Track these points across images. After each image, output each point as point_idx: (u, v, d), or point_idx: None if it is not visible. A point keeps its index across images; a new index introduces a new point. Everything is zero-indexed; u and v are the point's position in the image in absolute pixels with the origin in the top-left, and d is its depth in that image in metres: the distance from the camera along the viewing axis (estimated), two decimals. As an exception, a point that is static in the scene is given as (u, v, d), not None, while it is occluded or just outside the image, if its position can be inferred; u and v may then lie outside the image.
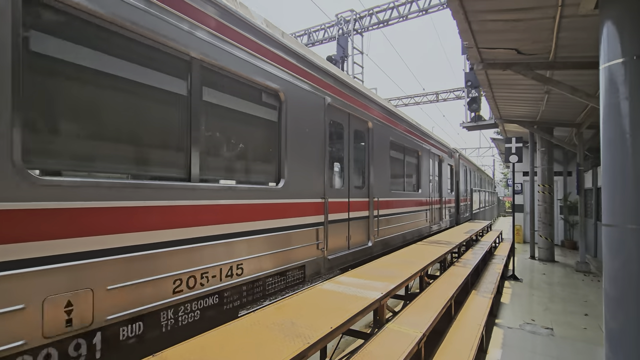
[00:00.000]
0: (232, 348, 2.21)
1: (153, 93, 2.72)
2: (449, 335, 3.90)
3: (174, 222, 2.69)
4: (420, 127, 9.01)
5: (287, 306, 3.09)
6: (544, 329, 4.94)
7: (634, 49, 3.15)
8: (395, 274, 4.30)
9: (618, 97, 3.20)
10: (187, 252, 2.78)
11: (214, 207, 3.07)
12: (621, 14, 3.29)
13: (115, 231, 2.30)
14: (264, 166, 3.88)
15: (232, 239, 3.22)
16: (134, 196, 2.42)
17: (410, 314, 3.69)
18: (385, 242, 6.61)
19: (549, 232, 10.29)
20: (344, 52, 13.73)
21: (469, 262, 6.49)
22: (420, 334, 3.14)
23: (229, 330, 2.51)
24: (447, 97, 22.23)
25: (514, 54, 5.31)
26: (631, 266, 3.08)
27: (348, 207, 5.36)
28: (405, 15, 13.21)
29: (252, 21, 3.58)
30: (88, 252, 2.17)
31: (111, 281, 2.27)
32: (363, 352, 2.76)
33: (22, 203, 1.90)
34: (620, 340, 3.15)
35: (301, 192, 4.25)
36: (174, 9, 2.79)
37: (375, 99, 6.42)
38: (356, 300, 3.29)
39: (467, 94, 11.27)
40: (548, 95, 7.17)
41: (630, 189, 3.10)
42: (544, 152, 10.27)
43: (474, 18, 4.39)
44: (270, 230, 3.72)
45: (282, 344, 2.28)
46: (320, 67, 4.70)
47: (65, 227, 2.06)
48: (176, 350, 2.18)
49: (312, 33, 15.45)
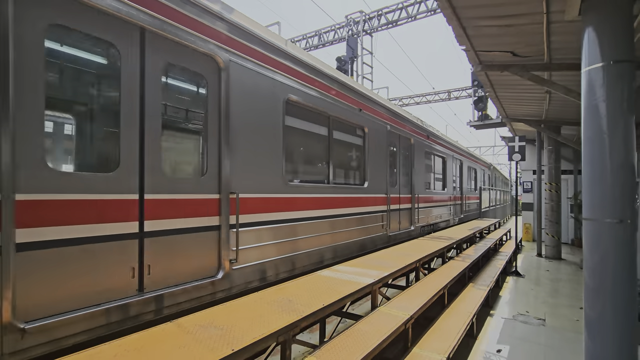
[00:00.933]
0: (237, 317, 2.60)
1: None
2: (440, 321, 4.20)
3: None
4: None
5: (287, 288, 3.46)
6: (536, 320, 5.16)
7: (611, 54, 3.39)
8: (390, 265, 4.62)
9: (596, 99, 3.44)
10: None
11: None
12: (601, 21, 3.52)
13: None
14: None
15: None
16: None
17: (402, 300, 4.01)
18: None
19: (556, 230, 10.34)
20: (354, 53, 14.00)
21: (469, 257, 6.73)
22: (408, 315, 3.46)
23: (235, 304, 2.90)
24: (459, 95, 22.20)
25: (510, 56, 5.52)
26: (608, 258, 3.31)
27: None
28: (413, 15, 13.38)
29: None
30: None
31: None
32: (353, 328, 3.10)
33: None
34: (597, 328, 3.38)
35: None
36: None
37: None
38: (350, 284, 3.64)
39: (474, 93, 11.39)
40: (550, 95, 7.30)
41: (607, 185, 3.33)
42: (551, 150, 10.33)
43: (468, 24, 4.64)
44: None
45: (279, 315, 2.66)
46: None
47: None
48: (189, 319, 2.58)
49: (323, 34, 15.77)
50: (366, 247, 6.07)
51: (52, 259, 2.18)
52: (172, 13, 2.98)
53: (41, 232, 2.14)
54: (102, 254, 2.43)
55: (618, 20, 3.42)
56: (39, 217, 2.14)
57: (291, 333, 2.54)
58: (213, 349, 2.09)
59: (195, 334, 2.31)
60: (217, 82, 3.37)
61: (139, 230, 2.65)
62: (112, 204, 2.50)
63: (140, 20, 2.70)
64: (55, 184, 2.23)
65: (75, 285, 2.29)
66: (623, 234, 3.23)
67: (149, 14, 2.78)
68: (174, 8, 2.99)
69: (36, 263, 2.12)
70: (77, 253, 2.30)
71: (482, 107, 11.25)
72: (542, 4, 3.87)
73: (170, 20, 2.95)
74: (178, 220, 2.94)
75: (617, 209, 3.24)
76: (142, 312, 2.63)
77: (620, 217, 3.25)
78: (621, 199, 3.23)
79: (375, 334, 2.97)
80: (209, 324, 2.48)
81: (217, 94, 3.37)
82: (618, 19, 3.42)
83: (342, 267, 4.49)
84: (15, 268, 2.02)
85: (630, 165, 3.27)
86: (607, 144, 3.34)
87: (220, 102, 3.38)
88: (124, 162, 2.59)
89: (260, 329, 2.41)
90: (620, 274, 3.21)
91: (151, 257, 2.71)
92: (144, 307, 2.63)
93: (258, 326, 2.45)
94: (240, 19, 3.68)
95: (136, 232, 2.63)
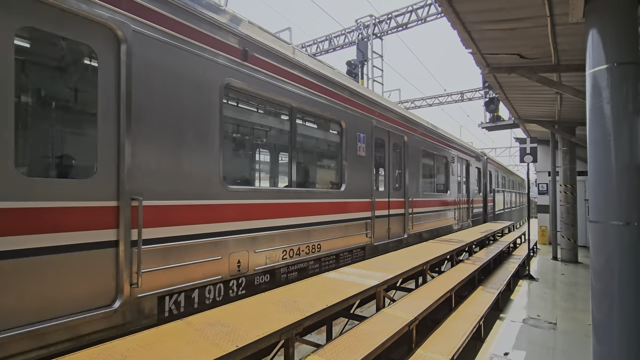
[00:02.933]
0: (243, 316, 2.72)
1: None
2: (446, 323, 4.23)
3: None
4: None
5: (292, 289, 3.57)
6: (546, 323, 5.10)
7: (615, 56, 3.38)
8: (396, 267, 4.67)
9: (601, 100, 3.44)
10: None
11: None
12: (605, 23, 3.52)
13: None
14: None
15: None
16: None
17: (408, 302, 4.06)
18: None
19: (572, 233, 10.12)
20: (364, 57, 14.10)
21: (479, 259, 6.69)
22: (412, 317, 3.52)
23: (241, 304, 3.02)
24: (472, 96, 21.96)
25: (517, 58, 5.51)
26: (614, 260, 3.30)
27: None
28: (423, 18, 13.39)
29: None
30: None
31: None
32: (357, 329, 3.19)
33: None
34: (605, 331, 3.37)
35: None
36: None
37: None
38: (355, 286, 3.72)
39: (485, 95, 11.30)
40: (561, 96, 7.21)
41: (613, 188, 3.32)
42: (565, 151, 10.14)
43: (472, 28, 4.68)
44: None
45: (284, 314, 2.77)
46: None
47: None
48: (198, 317, 2.72)
49: (333, 39, 15.93)
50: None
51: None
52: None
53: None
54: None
55: (621, 22, 3.42)
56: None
57: (294, 332, 2.64)
58: (218, 345, 2.21)
59: (203, 331, 2.45)
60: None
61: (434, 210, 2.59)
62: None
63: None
64: None
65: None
66: (629, 236, 3.21)
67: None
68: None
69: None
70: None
71: (493, 109, 11.15)
72: (544, 7, 3.88)
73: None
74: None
75: (624, 212, 3.23)
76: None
77: (627, 220, 3.23)
78: (627, 202, 3.22)
79: (378, 335, 3.05)
80: (216, 322, 2.61)
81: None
82: (621, 20, 3.42)
83: (349, 269, 4.57)
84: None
85: (636, 167, 3.25)
86: (613, 145, 3.34)
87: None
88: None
89: (264, 327, 2.52)
90: (626, 276, 3.19)
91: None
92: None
93: (263, 324, 2.57)
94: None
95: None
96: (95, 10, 2.50)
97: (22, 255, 2.15)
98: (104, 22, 2.56)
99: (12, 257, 2.11)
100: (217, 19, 3.40)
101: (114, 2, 2.63)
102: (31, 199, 2.19)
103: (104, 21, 2.56)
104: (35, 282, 2.19)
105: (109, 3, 2.59)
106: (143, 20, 2.81)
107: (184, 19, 3.12)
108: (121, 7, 2.67)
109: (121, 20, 2.65)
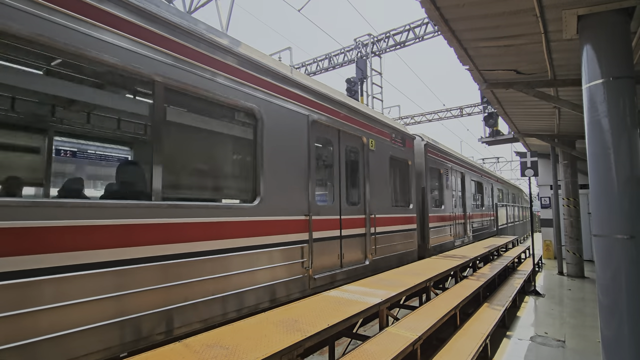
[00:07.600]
0: (242, 337, 2.67)
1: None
2: (452, 342, 4.12)
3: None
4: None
5: (293, 308, 3.51)
6: (555, 341, 4.97)
7: (610, 71, 3.42)
8: (399, 284, 4.60)
9: (599, 114, 3.46)
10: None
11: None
12: (598, 38, 3.58)
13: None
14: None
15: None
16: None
17: (411, 320, 3.98)
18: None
19: (577, 247, 9.99)
20: (363, 74, 14.32)
21: (483, 275, 6.59)
22: (416, 336, 3.43)
23: (241, 325, 2.96)
24: (471, 111, 22.17)
25: (514, 74, 5.58)
26: (621, 274, 3.24)
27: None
28: (421, 36, 13.67)
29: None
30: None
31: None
32: (359, 349, 3.11)
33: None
34: (615, 349, 3.28)
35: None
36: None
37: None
38: (357, 305, 3.65)
39: (484, 110, 11.40)
40: (559, 110, 7.27)
41: (615, 201, 3.30)
42: (566, 165, 10.13)
43: (468, 45, 4.77)
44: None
45: (284, 335, 2.70)
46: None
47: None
48: (197, 338, 2.66)
49: (333, 57, 16.23)
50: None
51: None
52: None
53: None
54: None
55: (615, 37, 3.47)
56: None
57: (295, 353, 2.58)
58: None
59: (202, 353, 2.39)
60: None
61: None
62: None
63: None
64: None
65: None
66: (635, 250, 3.17)
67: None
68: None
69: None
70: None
71: (492, 124, 11.23)
72: (538, 25, 3.96)
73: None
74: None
75: (628, 225, 3.20)
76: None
77: (632, 233, 3.19)
78: (630, 215, 3.19)
79: (382, 355, 2.97)
80: (215, 343, 2.55)
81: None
82: (615, 36, 3.48)
83: (351, 287, 4.50)
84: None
85: (638, 180, 3.23)
86: (613, 159, 3.33)
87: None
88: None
89: (264, 348, 2.46)
90: (635, 291, 3.13)
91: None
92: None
93: (263, 346, 2.51)
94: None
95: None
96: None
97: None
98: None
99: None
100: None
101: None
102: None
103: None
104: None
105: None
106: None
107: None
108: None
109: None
